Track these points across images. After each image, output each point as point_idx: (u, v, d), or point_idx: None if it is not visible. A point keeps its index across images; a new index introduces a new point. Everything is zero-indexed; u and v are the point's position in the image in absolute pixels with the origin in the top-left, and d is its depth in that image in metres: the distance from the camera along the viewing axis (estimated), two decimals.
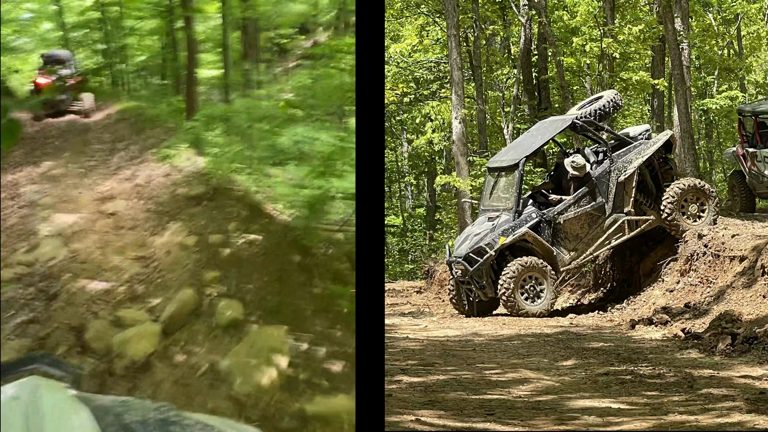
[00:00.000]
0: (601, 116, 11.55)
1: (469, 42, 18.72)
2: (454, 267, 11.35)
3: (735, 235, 10.22)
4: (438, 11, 19.13)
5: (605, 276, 12.47)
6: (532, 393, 6.12)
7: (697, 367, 6.79)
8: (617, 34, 15.99)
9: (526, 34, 17.93)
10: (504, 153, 12.31)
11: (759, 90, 23.25)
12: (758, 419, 5.06)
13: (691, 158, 14.26)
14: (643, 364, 7.03)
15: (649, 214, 11.40)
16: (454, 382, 6.53)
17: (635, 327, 9.17)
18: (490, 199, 11.63)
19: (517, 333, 9.29)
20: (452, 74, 15.44)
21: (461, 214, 15.47)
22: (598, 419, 5.25)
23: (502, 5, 18.77)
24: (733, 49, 22.58)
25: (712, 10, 20.56)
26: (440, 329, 9.92)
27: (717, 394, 5.81)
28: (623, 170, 11.22)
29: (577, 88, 19.23)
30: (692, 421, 5.14)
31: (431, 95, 21.35)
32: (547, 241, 11.04)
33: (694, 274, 10.26)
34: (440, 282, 14.44)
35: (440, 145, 21.22)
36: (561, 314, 11.02)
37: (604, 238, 11.22)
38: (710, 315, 8.72)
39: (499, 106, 18.81)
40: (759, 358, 6.88)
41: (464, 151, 15.49)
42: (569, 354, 7.70)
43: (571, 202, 11.18)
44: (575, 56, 16.66)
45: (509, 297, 10.69)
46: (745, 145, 13.11)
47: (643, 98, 21.99)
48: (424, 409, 5.54)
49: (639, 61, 19.17)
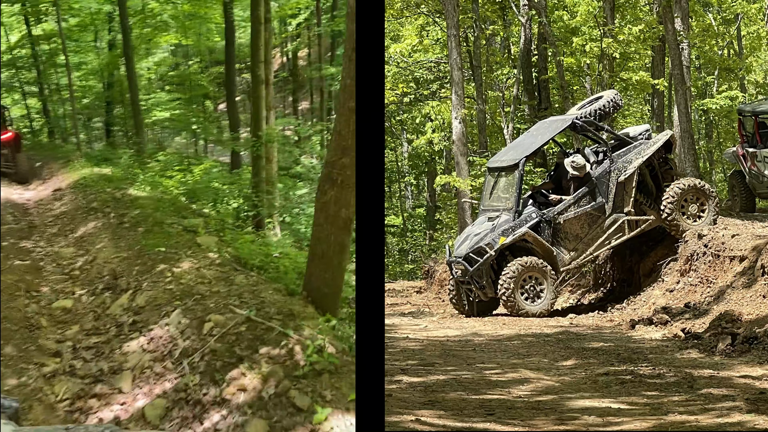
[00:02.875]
0: (601, 116, 11.55)
1: (469, 42, 18.72)
2: (454, 267, 11.35)
3: (735, 235, 10.22)
4: (438, 11, 19.11)
5: (605, 276, 12.47)
6: (532, 393, 6.12)
7: (697, 367, 6.79)
8: (617, 34, 15.98)
9: (526, 34, 17.92)
10: (504, 153, 12.31)
11: (759, 90, 23.24)
12: (758, 419, 5.06)
13: (691, 158, 14.26)
14: (643, 364, 7.03)
15: (649, 214, 11.40)
16: (454, 382, 6.53)
17: (635, 327, 9.17)
18: (490, 199, 11.63)
19: (517, 333, 9.29)
20: (452, 74, 15.43)
21: (461, 214, 15.46)
22: (598, 419, 5.25)
23: (502, 5, 18.76)
24: (733, 49, 22.57)
25: (712, 10, 20.57)
26: (440, 329, 9.92)
27: (717, 394, 5.81)
28: (623, 170, 11.22)
29: (577, 88, 19.22)
30: (692, 421, 5.14)
31: (431, 95, 21.34)
32: (547, 241, 11.04)
33: (694, 274, 10.26)
34: (440, 282, 14.45)
35: (440, 145, 21.20)
36: (561, 314, 11.03)
37: (604, 238, 11.22)
38: (710, 315, 8.73)
39: (499, 106, 18.80)
40: (759, 358, 6.88)
41: (464, 151, 15.49)
42: (569, 354, 7.70)
43: (571, 202, 11.18)
44: (575, 56, 16.65)
45: (509, 297, 10.69)
46: (745, 145, 13.11)
47: (643, 98, 21.98)
48: (424, 409, 5.54)
49: (639, 61, 19.15)
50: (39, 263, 10.40)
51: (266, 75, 15.84)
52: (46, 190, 16.48)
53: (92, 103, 28.26)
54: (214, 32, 26.24)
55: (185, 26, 24.45)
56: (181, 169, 18.63)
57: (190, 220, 11.62)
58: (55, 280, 9.64)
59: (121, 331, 7.75)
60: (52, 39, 26.10)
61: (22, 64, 28.10)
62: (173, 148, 27.12)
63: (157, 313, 7.79)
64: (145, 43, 25.52)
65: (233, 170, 19.82)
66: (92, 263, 10.05)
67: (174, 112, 26.58)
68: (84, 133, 27.21)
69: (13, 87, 28.75)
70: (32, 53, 27.51)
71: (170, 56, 32.78)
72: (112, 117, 27.38)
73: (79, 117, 25.47)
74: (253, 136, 15.31)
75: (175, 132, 29.65)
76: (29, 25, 27.19)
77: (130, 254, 9.92)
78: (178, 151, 25.83)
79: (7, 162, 18.01)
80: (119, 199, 13.39)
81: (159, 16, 24.32)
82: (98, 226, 11.79)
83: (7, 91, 28.73)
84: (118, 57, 25.00)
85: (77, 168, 17.82)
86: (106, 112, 27.78)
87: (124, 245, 10.37)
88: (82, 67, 27.28)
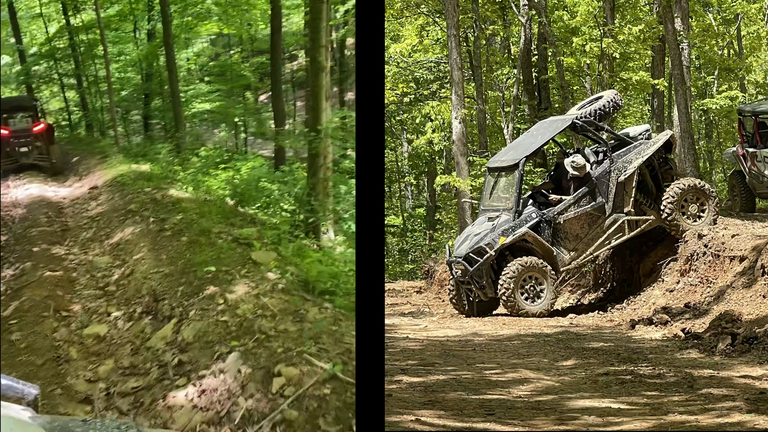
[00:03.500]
0: (601, 116, 11.55)
1: (469, 42, 18.72)
2: (454, 267, 11.35)
3: (735, 235, 10.22)
4: (438, 11, 19.13)
5: (605, 276, 12.47)
6: (532, 393, 6.13)
7: (697, 367, 6.79)
8: (617, 34, 15.98)
9: (526, 34, 17.93)
10: (504, 153, 12.31)
11: (759, 90, 23.26)
12: (758, 419, 5.06)
13: (691, 158, 14.26)
14: (643, 364, 7.03)
15: (649, 214, 11.41)
16: (454, 382, 6.53)
17: (635, 327, 9.17)
18: (490, 199, 11.64)
19: (517, 333, 9.29)
20: (452, 74, 15.44)
21: (461, 214, 15.46)
22: (598, 419, 5.26)
23: (502, 5, 18.77)
24: (733, 49, 22.58)
25: (712, 10, 20.57)
26: (440, 329, 9.93)
27: (717, 394, 5.81)
28: (623, 170, 11.22)
29: (577, 88, 19.23)
30: (692, 421, 5.14)
31: (431, 95, 21.35)
32: (547, 241, 11.04)
33: (694, 274, 10.26)
34: (440, 282, 14.45)
35: (440, 145, 21.22)
36: (561, 314, 11.03)
37: (604, 238, 11.22)
38: (710, 315, 8.73)
39: (499, 106, 18.81)
40: (759, 358, 6.89)
41: (464, 151, 15.49)
42: (569, 354, 7.71)
43: (571, 202, 11.18)
44: (575, 56, 16.66)
45: (509, 297, 10.69)
46: (745, 145, 13.12)
47: (643, 98, 22.00)
48: (424, 409, 5.54)
49: (639, 61, 19.17)
50: (72, 273, 9.43)
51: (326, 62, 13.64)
52: (82, 188, 15.83)
53: (130, 96, 27.31)
54: (258, 20, 25.03)
55: (228, 13, 23.48)
56: (226, 167, 17.22)
57: (241, 230, 10.05)
58: (88, 296, 8.60)
59: (165, 373, 6.22)
60: (91, 29, 25.30)
61: (61, 55, 27.35)
62: (212, 143, 25.77)
63: (208, 354, 6.24)
64: (185, 32, 24.45)
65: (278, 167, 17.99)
66: (129, 278, 8.90)
67: (214, 103, 25.53)
68: (122, 126, 26.18)
69: (52, 79, 28.08)
70: (70, 44, 26.70)
71: (210, 46, 31.59)
72: (151, 109, 26.34)
73: (117, 110, 24.62)
74: (311, 130, 13.19)
75: (215, 125, 28.45)
76: (67, 15, 26.51)
77: (173, 270, 8.54)
78: (217, 146, 24.36)
79: (41, 154, 17.84)
80: (159, 201, 12.27)
81: (201, 3, 23.36)
82: (136, 233, 10.69)
83: (45, 83, 28.12)
84: (157, 47, 23.82)
85: (114, 164, 16.99)
86: (144, 104, 26.73)
87: (165, 258, 9.07)
88: (120, 59, 26.40)
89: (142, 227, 10.88)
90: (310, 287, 7.63)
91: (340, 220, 13.63)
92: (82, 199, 14.75)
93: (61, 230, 12.21)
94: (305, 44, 13.62)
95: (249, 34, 26.57)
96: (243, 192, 14.55)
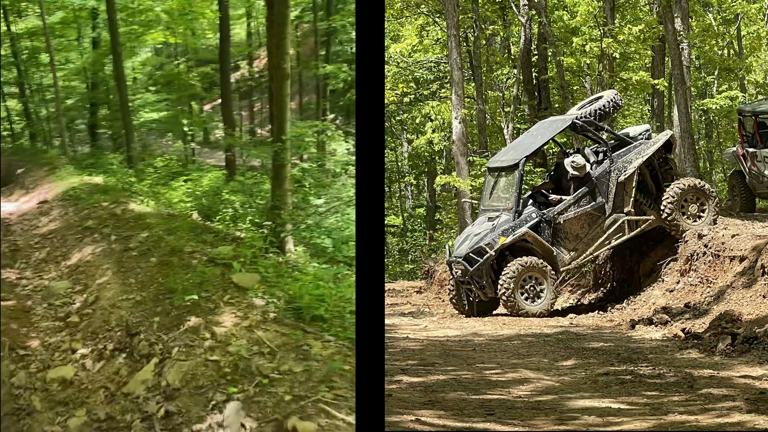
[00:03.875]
0: (601, 116, 11.56)
1: (469, 42, 18.73)
2: (454, 267, 11.35)
3: (735, 235, 10.23)
4: (438, 11, 19.13)
5: (605, 276, 12.48)
6: (532, 393, 6.13)
7: (697, 367, 6.80)
8: (617, 34, 15.99)
9: (526, 34, 17.93)
10: (504, 153, 12.32)
11: (759, 90, 23.28)
12: (758, 419, 5.06)
13: (691, 158, 14.26)
14: (643, 364, 7.03)
15: (649, 214, 11.41)
16: (454, 382, 6.53)
17: (635, 327, 9.17)
18: (490, 199, 11.64)
19: (517, 333, 9.30)
20: (452, 74, 15.44)
21: (461, 214, 15.47)
22: (598, 419, 5.26)
23: (502, 5, 18.77)
24: (733, 49, 22.59)
25: (712, 10, 20.58)
26: (440, 329, 9.93)
27: (717, 394, 5.81)
28: (623, 170, 11.22)
29: (577, 88, 19.24)
30: (692, 421, 5.14)
31: (431, 95, 21.36)
32: (547, 241, 11.05)
33: (694, 274, 10.27)
34: (440, 282, 14.46)
35: (440, 145, 21.23)
36: (561, 314, 11.03)
37: (604, 238, 11.23)
38: (710, 315, 8.74)
39: (499, 106, 18.82)
40: (759, 358, 6.89)
41: (464, 151, 15.49)
42: (569, 354, 7.71)
43: (571, 202, 11.19)
44: (575, 56, 16.67)
45: (509, 297, 10.69)
46: (745, 145, 13.12)
47: (643, 98, 22.01)
48: (424, 409, 5.54)
49: (639, 61, 19.18)
50: (26, 302, 8.18)
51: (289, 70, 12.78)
52: (30, 202, 14.30)
53: (75, 105, 26.98)
54: (206, 28, 25.20)
55: (176, 22, 23.41)
56: (188, 179, 16.73)
57: (217, 249, 8.80)
58: (47, 329, 7.32)
59: (151, 428, 5.06)
60: (34, 36, 24.92)
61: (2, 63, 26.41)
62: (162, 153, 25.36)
63: (201, 402, 5.09)
64: (132, 41, 24.33)
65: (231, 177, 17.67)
66: (94, 306, 7.64)
67: (162, 113, 25.48)
68: (68, 136, 25.36)
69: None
70: (12, 51, 26.08)
71: (154, 55, 31.80)
72: (97, 119, 26.23)
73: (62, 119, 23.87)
74: (276, 140, 12.44)
75: (161, 134, 28.30)
76: (8, 21, 26.00)
77: (145, 297, 7.38)
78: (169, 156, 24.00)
79: None
80: (119, 217, 11.22)
81: (148, 11, 23.07)
82: (97, 253, 9.49)
83: None
84: (104, 55, 23.70)
85: (64, 176, 15.83)
86: (90, 113, 26.52)
87: (134, 283, 7.90)
88: (65, 67, 25.97)
89: (103, 246, 9.70)
90: (303, 314, 6.49)
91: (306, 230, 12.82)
92: (31, 214, 13.31)
93: (11, 251, 10.76)
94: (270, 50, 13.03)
95: (195, 44, 26.54)
96: (208, 205, 13.74)
